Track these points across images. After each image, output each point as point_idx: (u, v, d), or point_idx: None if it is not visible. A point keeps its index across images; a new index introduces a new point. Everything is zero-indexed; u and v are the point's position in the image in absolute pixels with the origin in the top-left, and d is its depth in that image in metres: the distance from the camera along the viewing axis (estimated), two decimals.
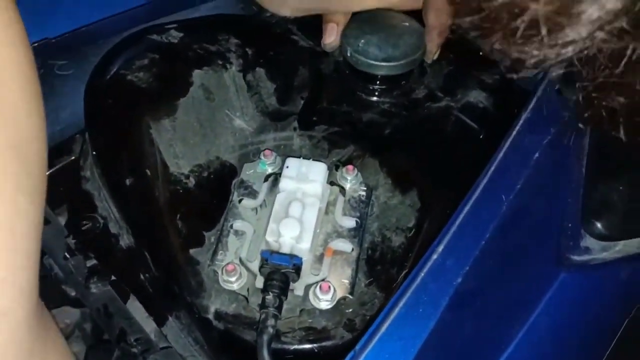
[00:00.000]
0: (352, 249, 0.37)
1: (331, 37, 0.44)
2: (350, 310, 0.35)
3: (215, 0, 0.47)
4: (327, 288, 0.35)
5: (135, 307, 0.43)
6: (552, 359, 0.29)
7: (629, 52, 0.19)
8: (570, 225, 0.32)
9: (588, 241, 0.31)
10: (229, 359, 0.37)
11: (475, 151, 0.42)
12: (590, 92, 0.22)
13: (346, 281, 0.36)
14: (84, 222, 0.44)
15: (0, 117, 0.20)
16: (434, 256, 0.32)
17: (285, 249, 0.36)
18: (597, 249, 0.31)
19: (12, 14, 0.21)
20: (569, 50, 0.19)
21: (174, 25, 0.45)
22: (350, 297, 0.35)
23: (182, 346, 0.39)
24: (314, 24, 0.46)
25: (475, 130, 0.43)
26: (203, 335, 0.37)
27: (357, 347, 0.30)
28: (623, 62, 0.20)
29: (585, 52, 0.19)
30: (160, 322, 0.40)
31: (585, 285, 0.30)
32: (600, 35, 0.18)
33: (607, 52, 0.20)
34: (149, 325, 0.42)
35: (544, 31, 0.18)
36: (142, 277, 0.42)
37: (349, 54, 0.43)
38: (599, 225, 0.31)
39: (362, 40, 0.43)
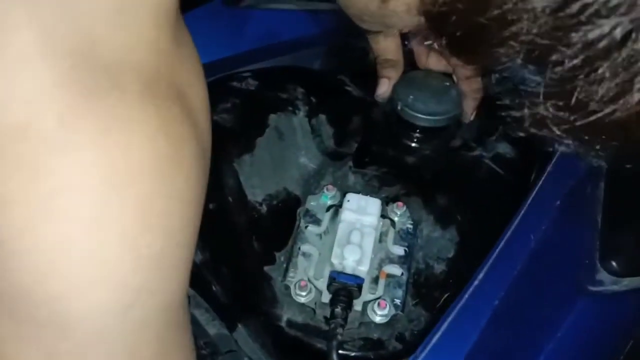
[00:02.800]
0: (402, 273, 0.44)
1: (383, 89, 0.52)
2: (401, 325, 0.42)
3: (284, 56, 0.55)
4: (384, 305, 0.41)
5: (199, 316, 0.49)
6: None
7: None
8: (587, 261, 0.39)
9: (602, 275, 0.39)
10: None
11: (503, 195, 0.50)
12: None
13: (398, 300, 0.43)
14: None
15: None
16: (476, 282, 0.39)
17: (348, 270, 0.43)
18: (608, 282, 0.38)
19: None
20: None
21: (249, 74, 0.52)
22: (401, 313, 0.42)
23: (251, 350, 0.45)
24: (365, 78, 0.54)
25: (503, 177, 0.50)
26: (273, 341, 0.44)
27: (411, 357, 0.37)
28: None
29: None
30: (230, 328, 0.47)
31: (599, 311, 0.37)
32: None
33: None
34: (212, 331, 0.49)
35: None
36: (213, 288, 0.48)
37: (399, 107, 0.51)
38: (614, 263, 0.38)
39: (411, 97, 0.51)
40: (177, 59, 0.25)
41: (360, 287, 0.42)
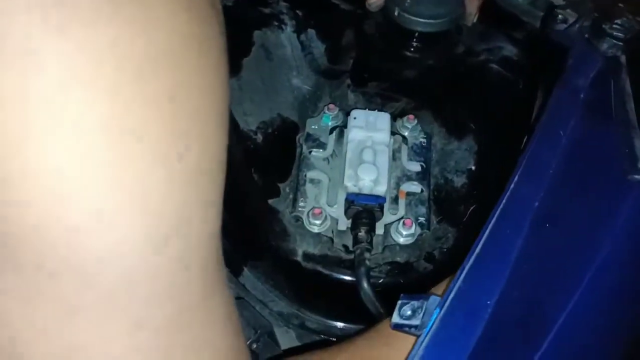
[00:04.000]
0: (422, 190, 0.40)
1: None
2: (427, 244, 0.38)
3: None
4: (409, 224, 0.37)
5: None
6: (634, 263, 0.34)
7: None
8: (627, 150, 0.36)
9: None
10: (316, 297, 0.39)
11: (515, 98, 0.46)
12: None
13: (422, 219, 0.39)
14: None
15: None
16: (512, 185, 0.35)
17: (365, 191, 0.38)
18: None
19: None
20: None
21: None
22: (428, 232, 0.38)
23: (261, 293, 0.41)
24: None
25: (513, 80, 0.46)
26: (287, 278, 0.39)
27: (465, 262, 0.32)
28: None
29: None
30: (236, 273, 0.42)
31: None
32: None
33: None
34: None
35: None
36: None
37: (396, 13, 0.45)
38: None
39: (408, 1, 0.45)
40: None
41: (382, 207, 0.37)
